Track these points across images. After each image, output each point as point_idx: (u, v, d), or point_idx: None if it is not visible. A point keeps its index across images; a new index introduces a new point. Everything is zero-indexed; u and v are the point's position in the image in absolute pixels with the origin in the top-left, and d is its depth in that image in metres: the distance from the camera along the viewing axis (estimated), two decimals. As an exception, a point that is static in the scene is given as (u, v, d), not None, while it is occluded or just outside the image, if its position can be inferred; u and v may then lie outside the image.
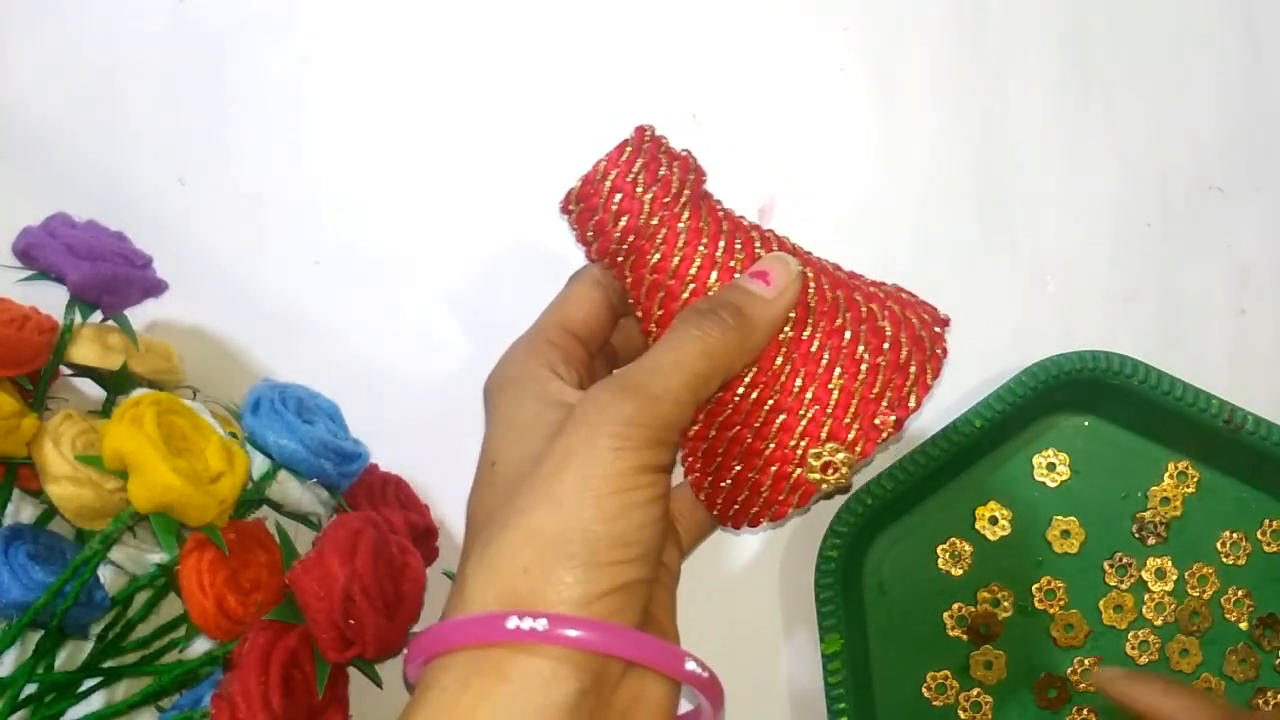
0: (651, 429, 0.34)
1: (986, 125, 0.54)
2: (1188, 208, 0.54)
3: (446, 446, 0.51)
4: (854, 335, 0.39)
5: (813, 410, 0.38)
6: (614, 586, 0.33)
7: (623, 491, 0.33)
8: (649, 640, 0.34)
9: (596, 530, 0.33)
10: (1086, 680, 0.49)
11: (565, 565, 0.33)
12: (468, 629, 0.33)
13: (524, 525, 0.33)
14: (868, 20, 0.55)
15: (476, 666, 0.32)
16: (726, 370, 0.37)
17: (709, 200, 0.41)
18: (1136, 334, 0.53)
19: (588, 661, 0.32)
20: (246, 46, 0.55)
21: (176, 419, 0.42)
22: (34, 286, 0.45)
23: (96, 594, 0.43)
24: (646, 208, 0.39)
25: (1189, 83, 0.55)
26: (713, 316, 0.37)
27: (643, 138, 0.40)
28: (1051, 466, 0.51)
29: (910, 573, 0.50)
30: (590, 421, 0.34)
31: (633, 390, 0.35)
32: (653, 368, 0.36)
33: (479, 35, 0.55)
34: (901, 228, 0.54)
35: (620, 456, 0.34)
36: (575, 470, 0.34)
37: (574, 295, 0.42)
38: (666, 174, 0.39)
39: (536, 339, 0.41)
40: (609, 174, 0.39)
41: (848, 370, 0.38)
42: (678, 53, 0.55)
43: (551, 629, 0.32)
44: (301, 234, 0.53)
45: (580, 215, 0.40)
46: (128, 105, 0.54)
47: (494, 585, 0.33)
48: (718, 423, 0.39)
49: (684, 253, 0.39)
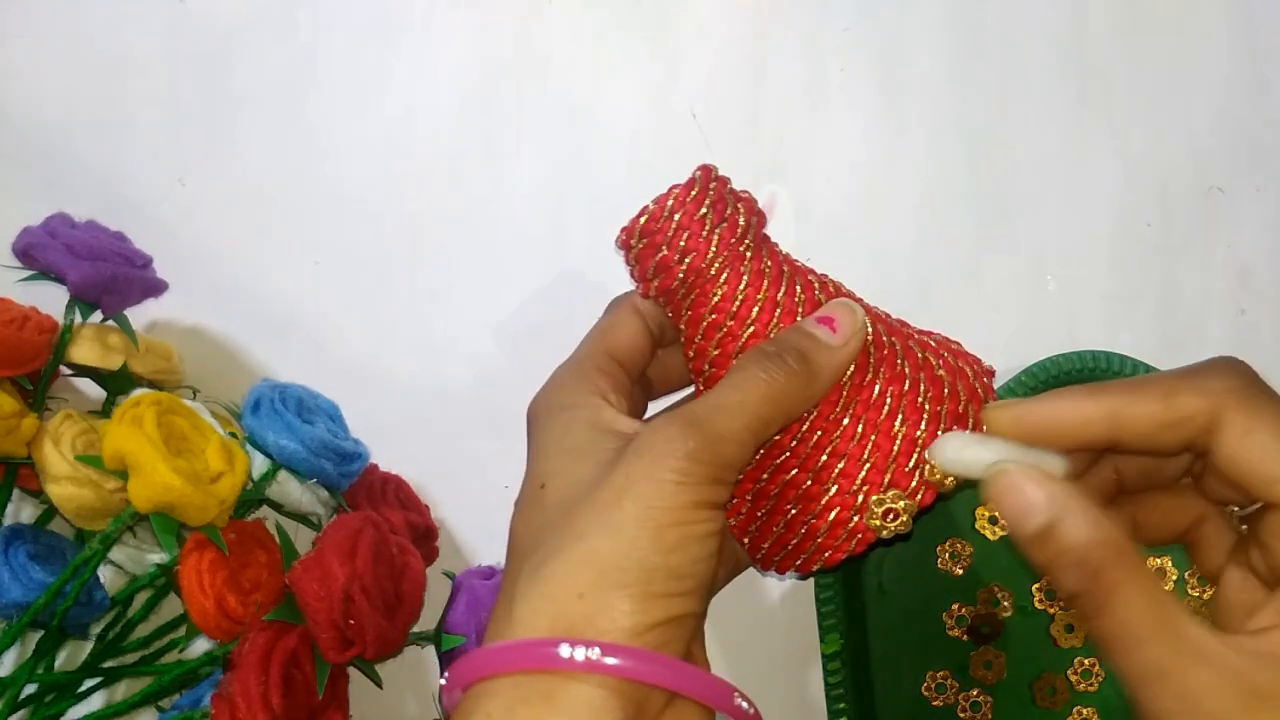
0: (714, 467, 0.34)
1: (986, 125, 0.54)
2: (1188, 208, 0.54)
3: (446, 446, 0.51)
4: (914, 383, 0.38)
5: (875, 457, 0.38)
6: (666, 618, 0.33)
7: (682, 525, 0.33)
8: (701, 674, 0.34)
9: (654, 561, 0.33)
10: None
11: (621, 593, 0.32)
12: (518, 654, 0.32)
13: (580, 550, 0.33)
14: (868, 20, 0.55)
15: (523, 694, 0.32)
16: (788, 415, 0.37)
17: (769, 243, 0.41)
18: (1136, 334, 0.53)
19: (633, 692, 0.32)
20: (247, 47, 0.55)
21: (176, 419, 0.42)
22: (34, 286, 0.45)
23: (96, 594, 0.43)
24: (714, 248, 0.38)
25: (1189, 83, 0.55)
26: (778, 360, 0.37)
27: (710, 177, 0.40)
28: (1051, 466, 0.50)
29: (910, 573, 0.50)
30: (655, 452, 0.34)
31: (697, 427, 0.35)
32: (718, 406, 0.36)
33: (478, 35, 0.55)
34: (901, 228, 0.54)
35: (682, 490, 0.33)
36: (636, 499, 0.33)
37: (618, 323, 0.41)
38: (733, 214, 0.39)
39: (585, 365, 0.40)
40: (676, 211, 0.39)
41: (909, 418, 0.38)
42: (678, 52, 0.55)
43: (603, 658, 0.31)
44: (301, 234, 0.53)
45: (643, 251, 0.39)
46: (128, 105, 0.54)
47: (546, 610, 0.33)
48: (774, 465, 0.39)
49: (746, 294, 0.39)
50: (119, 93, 0.54)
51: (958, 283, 0.53)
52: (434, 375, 0.53)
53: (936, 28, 0.55)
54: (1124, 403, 0.35)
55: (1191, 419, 0.34)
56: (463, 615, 0.45)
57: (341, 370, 0.52)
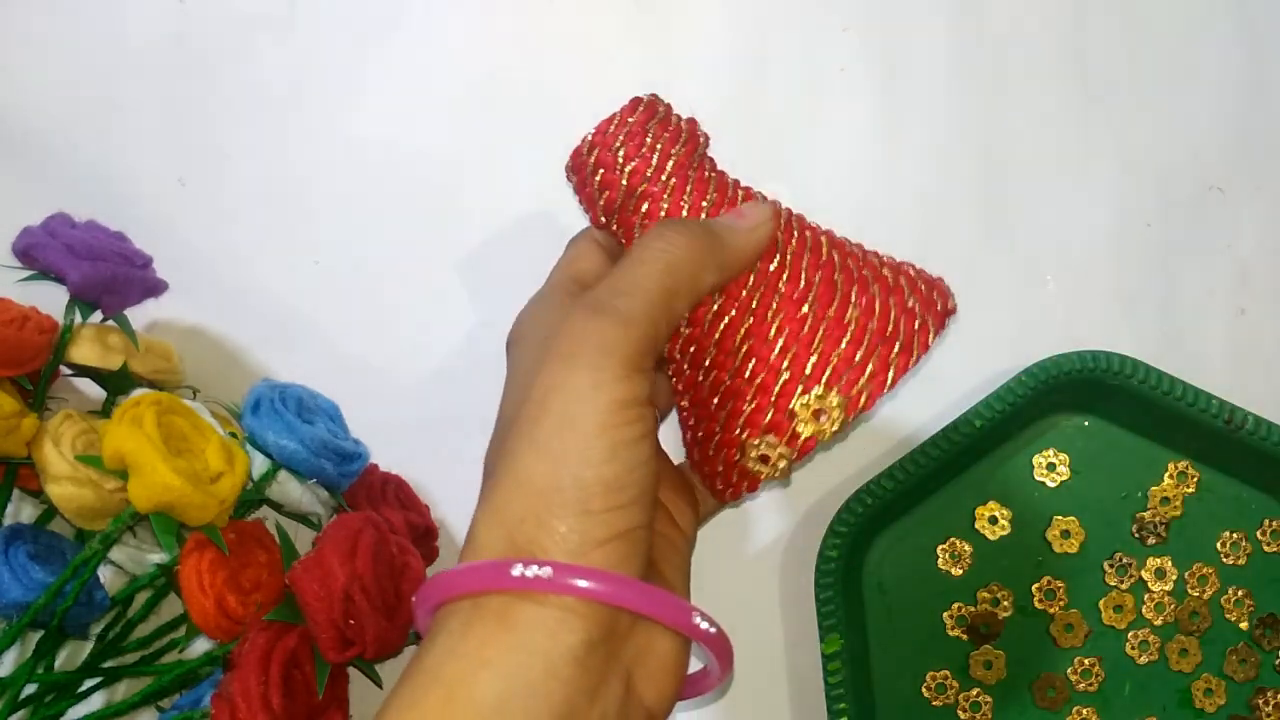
0: (627, 354, 0.33)
1: (987, 125, 0.54)
2: (1188, 208, 0.54)
3: (446, 446, 0.51)
4: (843, 298, 0.38)
5: (792, 368, 0.37)
6: (612, 534, 0.32)
7: (607, 430, 0.32)
8: (654, 592, 0.33)
9: (586, 476, 0.32)
10: None
11: (559, 515, 0.32)
12: (473, 576, 0.32)
13: (513, 472, 0.33)
14: (868, 20, 0.55)
15: (480, 613, 0.32)
16: (695, 287, 0.36)
17: (712, 161, 0.41)
18: (1136, 334, 0.53)
19: (594, 612, 0.32)
20: (246, 48, 0.55)
21: (176, 419, 0.42)
22: (34, 286, 0.45)
23: (96, 594, 0.43)
24: (656, 157, 0.39)
25: (1189, 83, 0.55)
26: (677, 226, 0.37)
27: (655, 100, 0.41)
28: (1051, 466, 0.51)
29: (910, 573, 0.50)
30: (564, 353, 0.33)
31: (599, 312, 0.34)
32: (618, 288, 0.35)
33: (478, 35, 0.55)
34: (901, 228, 0.53)
35: (599, 392, 0.32)
36: (553, 412, 0.32)
37: (581, 253, 0.42)
38: (675, 128, 0.40)
39: (554, 292, 0.41)
40: (622, 128, 0.40)
41: (830, 333, 0.38)
42: (678, 52, 0.55)
43: (556, 577, 0.31)
44: (301, 234, 0.53)
45: (591, 168, 0.40)
46: (128, 106, 0.54)
47: (499, 535, 0.32)
48: (701, 366, 0.39)
49: (691, 202, 0.39)
50: (119, 93, 0.54)
51: (958, 283, 0.53)
52: (434, 375, 0.53)
53: (937, 28, 0.55)
54: None
55: None
56: (463, 615, 0.45)
57: (341, 370, 0.52)
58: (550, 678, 0.31)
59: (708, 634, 0.35)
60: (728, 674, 0.37)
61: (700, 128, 0.41)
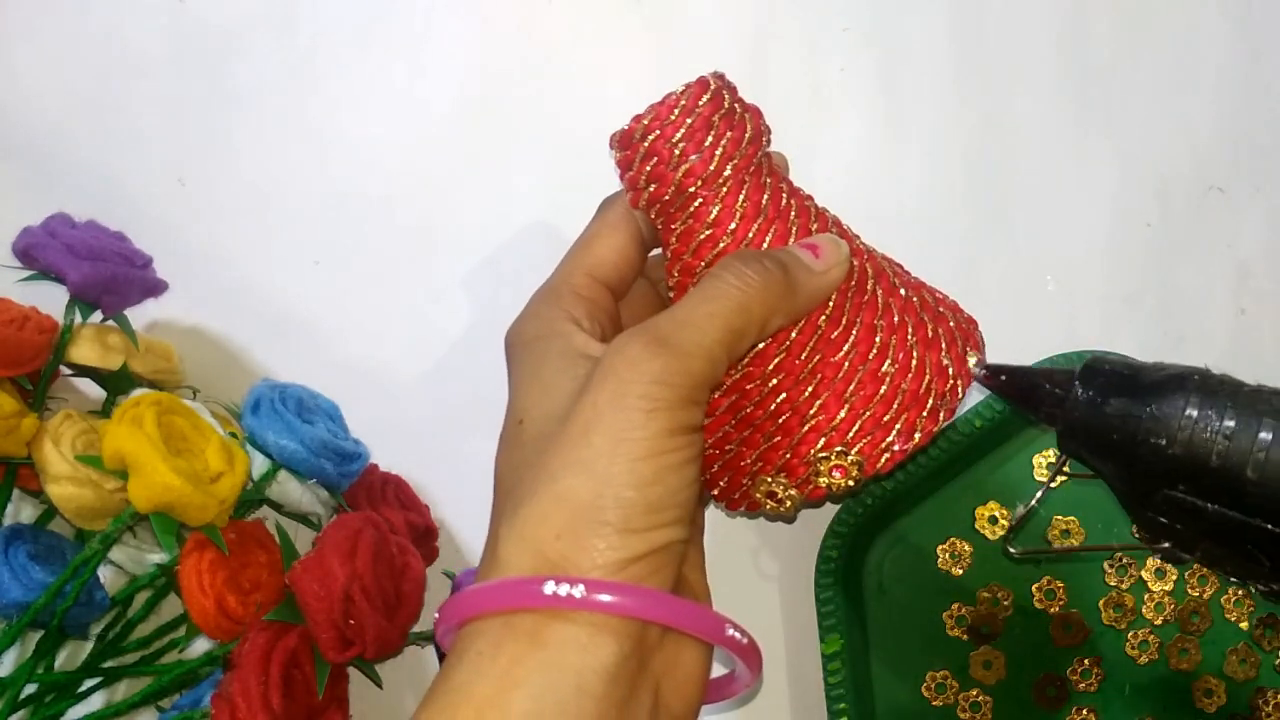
0: (684, 388, 0.32)
1: (986, 125, 0.54)
2: (1188, 208, 0.54)
3: (446, 446, 0.51)
4: (882, 348, 0.37)
5: (818, 419, 0.37)
6: (649, 550, 0.32)
7: (657, 455, 0.32)
8: (688, 606, 0.33)
9: (630, 496, 0.32)
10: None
11: (598, 533, 0.31)
12: (502, 593, 0.32)
13: (554, 491, 0.32)
14: (868, 20, 0.55)
15: (510, 632, 0.31)
16: (762, 328, 0.35)
17: (770, 161, 0.39)
18: (1136, 334, 0.53)
19: (625, 627, 0.31)
20: (247, 46, 0.55)
21: (176, 419, 0.42)
22: (34, 286, 0.45)
23: (96, 594, 0.43)
24: (717, 158, 0.36)
25: (1189, 83, 0.55)
26: (755, 265, 0.35)
27: (723, 83, 0.37)
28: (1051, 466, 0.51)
29: (910, 573, 0.50)
30: (619, 376, 0.32)
31: (663, 344, 0.33)
32: (685, 320, 0.34)
33: (478, 35, 0.55)
34: (901, 228, 0.53)
35: (653, 418, 0.32)
36: (604, 432, 0.32)
37: (602, 233, 0.40)
38: (740, 123, 0.37)
39: (560, 289, 0.38)
40: (687, 116, 0.36)
41: (863, 389, 0.37)
42: (678, 52, 0.55)
43: (589, 595, 0.31)
44: (301, 234, 0.53)
45: (643, 156, 0.37)
46: (128, 105, 0.54)
47: (527, 551, 0.32)
48: (722, 387, 0.37)
49: (745, 210, 0.36)
50: (119, 93, 0.54)
51: (958, 283, 0.53)
52: (434, 375, 0.53)
53: (936, 28, 0.55)
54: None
55: None
56: (463, 615, 0.45)
57: (341, 370, 0.52)
58: (582, 695, 0.31)
59: (740, 644, 0.35)
60: (756, 681, 0.37)
61: (764, 121, 0.38)
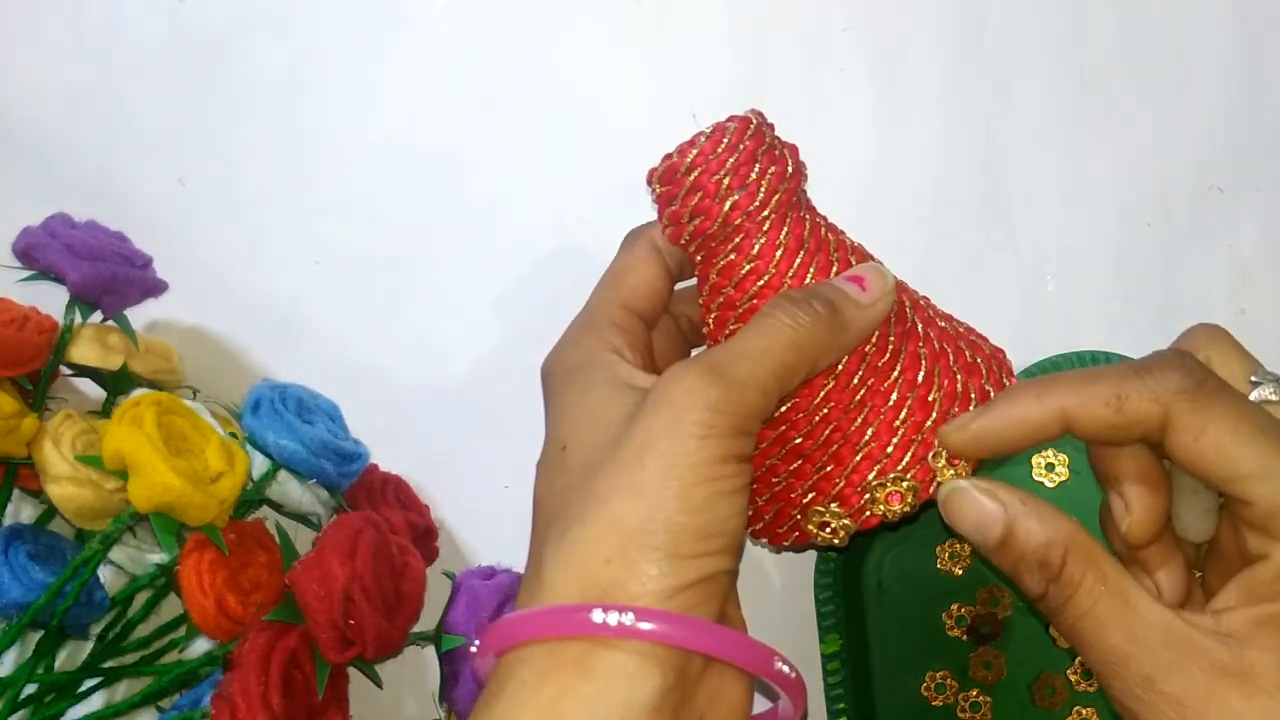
0: (737, 417, 0.33)
1: (986, 125, 0.54)
2: (1188, 208, 0.54)
3: (446, 446, 0.51)
4: (928, 375, 0.37)
5: (870, 447, 0.37)
6: (699, 578, 0.32)
7: (708, 481, 0.32)
8: (738, 637, 0.33)
9: (681, 521, 0.32)
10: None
11: (649, 557, 0.31)
12: (550, 620, 0.31)
13: (605, 514, 0.32)
14: (868, 20, 0.55)
15: (556, 660, 0.31)
16: (813, 365, 0.36)
17: (806, 196, 0.39)
18: (1136, 334, 0.53)
19: (670, 657, 0.31)
20: (246, 46, 0.55)
21: (176, 419, 0.42)
22: (34, 286, 0.45)
23: (96, 594, 0.43)
24: (762, 193, 0.37)
25: (1189, 83, 0.55)
26: (806, 306, 0.35)
27: (763, 120, 0.38)
28: (1050, 467, 0.50)
29: (910, 573, 0.50)
30: (675, 404, 0.33)
31: (718, 374, 0.33)
32: (741, 352, 0.34)
33: (478, 35, 0.55)
34: (902, 228, 0.54)
35: (706, 445, 0.32)
36: (658, 457, 0.32)
37: (633, 266, 0.40)
38: (782, 159, 0.38)
39: (598, 320, 0.39)
40: (730, 154, 0.37)
41: (913, 415, 0.37)
42: (678, 52, 0.55)
43: (638, 622, 0.31)
44: (301, 234, 0.53)
45: (687, 191, 0.37)
46: (128, 105, 0.54)
47: (575, 576, 0.32)
48: (779, 437, 0.38)
49: (788, 244, 0.37)
50: (119, 93, 0.54)
51: (958, 283, 0.53)
52: (434, 375, 0.53)
53: (936, 28, 0.55)
54: (1073, 404, 0.34)
55: (1141, 422, 0.34)
56: (463, 615, 0.45)
57: (341, 370, 0.52)
58: None
59: (788, 678, 0.35)
60: (799, 716, 0.36)
61: (800, 156, 0.39)
